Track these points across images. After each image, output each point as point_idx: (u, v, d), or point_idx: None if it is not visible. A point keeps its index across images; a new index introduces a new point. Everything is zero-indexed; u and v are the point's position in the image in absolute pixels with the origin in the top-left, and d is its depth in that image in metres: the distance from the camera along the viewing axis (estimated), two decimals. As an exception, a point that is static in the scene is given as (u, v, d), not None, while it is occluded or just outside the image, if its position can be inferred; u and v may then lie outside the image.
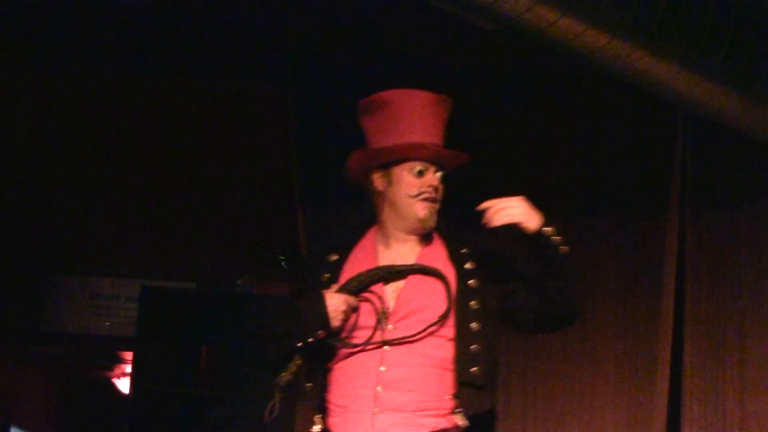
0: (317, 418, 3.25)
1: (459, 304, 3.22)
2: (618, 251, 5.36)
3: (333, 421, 3.24)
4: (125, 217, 6.48)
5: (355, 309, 3.22)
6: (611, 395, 5.29)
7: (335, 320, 3.19)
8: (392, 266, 3.25)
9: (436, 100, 3.34)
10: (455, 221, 3.36)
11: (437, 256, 3.30)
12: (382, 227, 3.33)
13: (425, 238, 3.32)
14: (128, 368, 7.94)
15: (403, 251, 3.31)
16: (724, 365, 5.02)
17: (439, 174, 3.29)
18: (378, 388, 3.17)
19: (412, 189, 3.26)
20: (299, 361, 3.24)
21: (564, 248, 3.19)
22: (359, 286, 3.24)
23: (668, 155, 5.16)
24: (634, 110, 5.19)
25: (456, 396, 3.18)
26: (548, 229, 3.18)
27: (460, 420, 3.17)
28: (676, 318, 5.09)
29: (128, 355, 7.79)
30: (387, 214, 3.31)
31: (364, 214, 3.50)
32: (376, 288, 3.25)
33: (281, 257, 6.09)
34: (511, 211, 3.17)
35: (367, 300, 3.24)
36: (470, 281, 3.24)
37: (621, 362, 5.30)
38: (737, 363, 5.00)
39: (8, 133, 5.95)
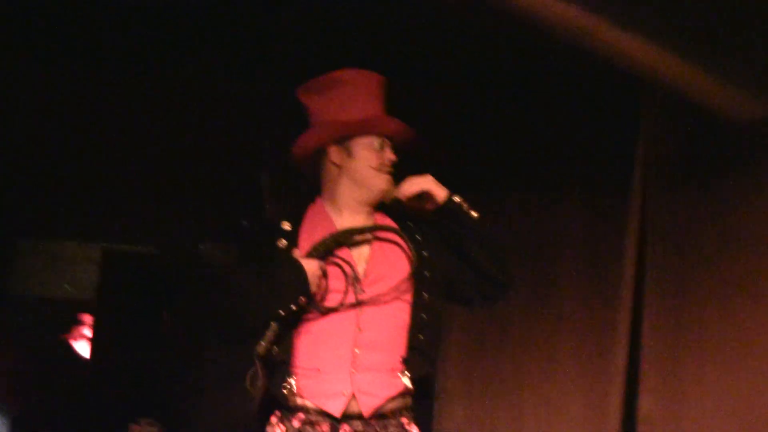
0: (288, 381, 3.29)
1: (415, 273, 3.35)
2: (580, 223, 5.41)
3: (305, 383, 3.29)
4: (88, 180, 6.43)
5: (325, 274, 3.30)
6: (571, 364, 5.35)
7: (314, 286, 3.27)
8: (353, 228, 3.36)
9: (379, 79, 3.47)
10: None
11: (389, 226, 3.43)
12: (333, 199, 3.43)
13: (374, 211, 3.44)
14: (88, 332, 7.91)
15: (358, 221, 3.41)
16: (683, 336, 5.06)
17: (387, 145, 3.42)
18: (355, 349, 3.27)
19: (374, 162, 3.39)
20: (276, 329, 3.27)
21: (474, 213, 3.38)
22: (327, 250, 3.31)
23: (632, 128, 5.19)
24: (598, 87, 5.21)
25: (405, 359, 3.31)
26: (456, 197, 3.39)
27: (407, 382, 3.31)
28: (637, 288, 5.13)
29: (89, 319, 7.76)
30: (345, 186, 3.41)
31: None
32: (343, 253, 3.34)
33: (244, 223, 6.08)
34: (420, 181, 3.38)
35: (335, 265, 3.32)
36: (423, 251, 3.37)
37: (581, 332, 5.36)
38: (696, 336, 5.03)
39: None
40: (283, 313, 3.26)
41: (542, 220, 5.48)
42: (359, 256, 3.37)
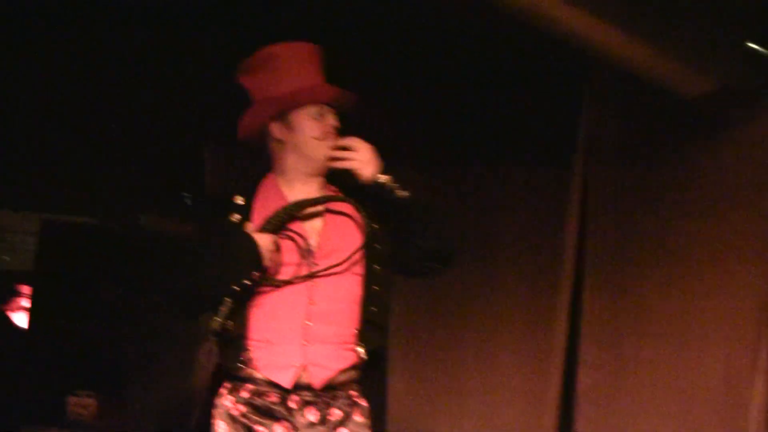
0: (240, 354, 3.29)
1: (366, 245, 3.36)
2: (522, 199, 5.43)
3: (256, 355, 3.30)
4: (27, 148, 6.35)
5: (278, 248, 3.30)
6: (511, 338, 5.38)
7: (267, 260, 3.26)
8: (305, 200, 3.35)
9: (314, 48, 3.45)
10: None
11: (341, 202, 3.42)
12: (283, 173, 3.43)
13: (327, 182, 3.43)
14: (26, 303, 7.83)
15: (309, 193, 3.40)
16: (621, 313, 5.11)
17: (330, 112, 3.40)
18: (307, 321, 3.28)
19: (316, 131, 3.38)
20: (230, 303, 3.26)
21: (402, 192, 3.35)
22: (279, 224, 3.31)
23: (574, 104, 5.20)
24: (543, 64, 5.22)
25: (358, 330, 3.32)
26: (383, 177, 3.35)
27: (362, 353, 3.32)
28: (577, 264, 5.16)
29: (26, 290, 7.68)
30: (291, 160, 3.41)
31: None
32: (296, 226, 3.34)
33: (185, 194, 6.04)
34: (350, 159, 3.35)
35: (288, 238, 3.33)
36: (373, 224, 3.37)
37: (522, 306, 5.39)
38: (634, 311, 5.08)
39: None
40: (237, 288, 3.25)
41: (484, 194, 5.50)
42: (312, 228, 3.36)
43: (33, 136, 6.29)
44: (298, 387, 3.29)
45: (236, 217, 3.35)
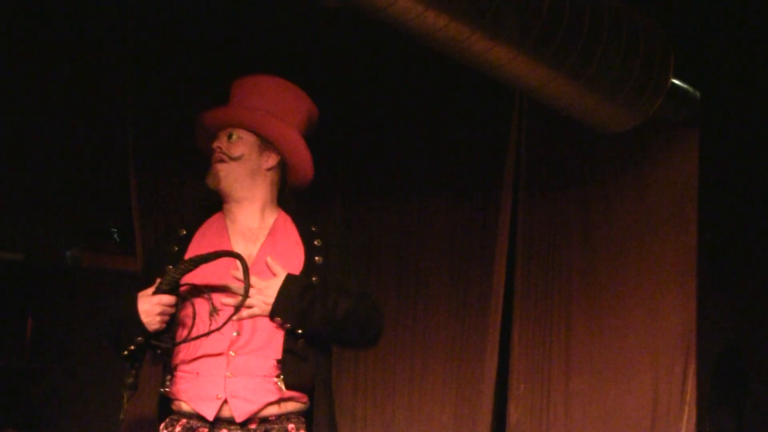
0: (171, 386, 3.31)
1: (306, 279, 3.32)
2: (451, 232, 5.42)
3: (182, 387, 3.30)
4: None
5: (176, 305, 3.27)
6: (441, 374, 5.36)
7: (151, 324, 3.25)
8: (198, 256, 3.28)
9: (259, 79, 3.49)
10: (304, 202, 3.52)
11: (287, 230, 3.41)
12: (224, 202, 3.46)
13: (270, 212, 3.40)
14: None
15: (251, 224, 3.39)
16: (550, 346, 5.13)
17: (230, 133, 3.39)
18: (231, 352, 3.25)
19: (212, 154, 3.42)
20: (136, 364, 3.27)
21: (298, 331, 3.29)
22: (172, 283, 3.26)
23: (503, 139, 5.23)
24: (472, 92, 5.24)
25: (279, 363, 3.27)
26: (277, 319, 3.29)
27: (281, 385, 3.27)
28: (506, 299, 5.17)
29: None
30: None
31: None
32: (205, 278, 3.30)
33: (113, 229, 5.98)
34: (252, 309, 3.29)
35: (198, 294, 3.30)
36: (316, 257, 3.36)
37: (451, 341, 5.37)
38: (563, 344, 5.11)
39: None
40: (126, 354, 3.28)
41: (412, 229, 5.49)
42: (247, 256, 3.32)
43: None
44: (224, 420, 3.26)
45: (175, 248, 3.36)
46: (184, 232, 3.43)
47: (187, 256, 3.33)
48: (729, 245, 5.00)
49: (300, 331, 3.28)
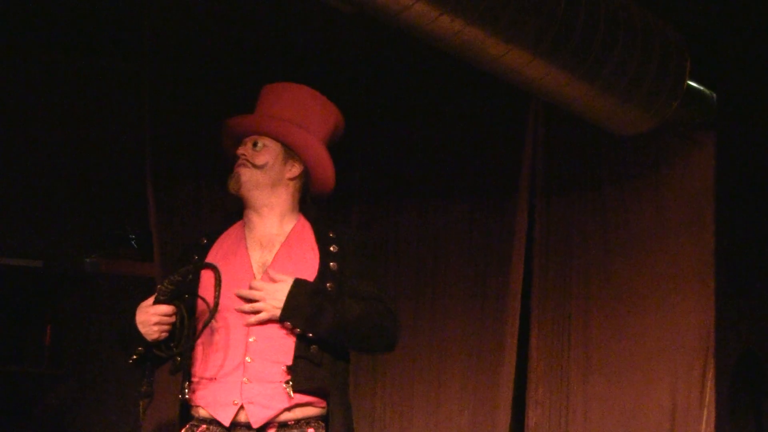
0: (186, 391, 3.32)
1: (319, 284, 3.31)
2: (469, 236, 5.43)
3: (199, 394, 3.31)
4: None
5: (174, 314, 3.28)
6: (459, 377, 5.37)
7: (149, 334, 3.27)
8: (184, 268, 3.30)
9: (287, 87, 3.49)
10: (325, 208, 3.51)
11: (304, 237, 3.40)
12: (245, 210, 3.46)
13: (288, 219, 3.41)
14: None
15: (268, 231, 3.39)
16: (568, 349, 5.13)
17: (255, 140, 3.40)
18: (247, 358, 3.25)
19: (236, 161, 3.42)
20: (147, 372, 3.30)
21: (309, 335, 3.28)
22: (167, 294, 3.28)
23: (519, 141, 5.23)
24: (488, 97, 5.24)
25: (290, 369, 3.26)
26: (287, 323, 3.28)
27: (290, 390, 3.25)
28: (524, 302, 5.17)
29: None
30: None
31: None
32: (204, 284, 3.32)
33: (131, 236, 5.99)
34: (261, 314, 3.28)
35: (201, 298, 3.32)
36: (331, 263, 3.34)
37: (469, 345, 5.37)
38: (582, 346, 5.11)
39: None
40: (131, 362, 3.32)
41: (430, 234, 5.50)
42: (262, 263, 3.34)
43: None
44: (241, 425, 3.26)
45: (195, 257, 3.37)
46: (205, 241, 3.44)
47: (208, 260, 3.35)
48: (747, 248, 4.98)
49: (311, 335, 3.27)
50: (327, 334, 3.28)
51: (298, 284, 3.27)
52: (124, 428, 5.59)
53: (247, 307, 3.29)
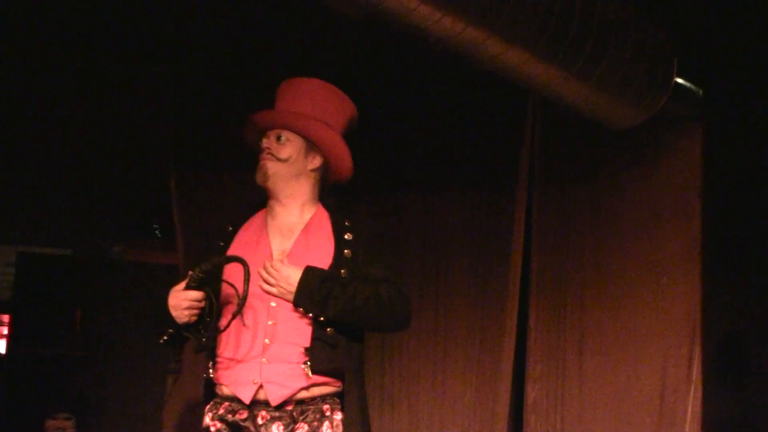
0: (211, 371, 3.37)
1: (332, 270, 3.34)
2: (471, 224, 5.44)
3: (222, 373, 3.34)
4: (4, 185, 6.33)
5: (203, 300, 3.31)
6: (463, 356, 5.38)
7: (180, 318, 3.31)
8: (216, 258, 3.34)
9: (306, 82, 3.50)
10: (343, 198, 3.54)
11: (322, 225, 3.43)
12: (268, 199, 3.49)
13: (308, 209, 3.44)
14: (5, 330, 7.77)
15: (289, 220, 3.42)
16: (564, 330, 5.14)
17: (279, 134, 3.42)
18: (266, 339, 3.29)
19: (260, 153, 3.45)
20: (176, 351, 3.33)
21: (321, 318, 3.30)
22: (197, 281, 3.32)
23: (518, 136, 5.24)
24: (489, 94, 5.26)
25: (307, 351, 3.30)
26: (300, 308, 3.30)
27: (308, 371, 3.29)
28: (522, 287, 5.19)
29: (5, 318, 7.62)
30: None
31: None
32: (231, 272, 3.34)
33: (155, 226, 6.04)
34: (273, 289, 3.32)
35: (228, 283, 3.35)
36: (345, 251, 3.37)
37: (472, 326, 5.39)
38: (577, 328, 5.12)
39: None
40: (162, 342, 3.36)
41: (437, 221, 5.52)
42: (282, 251, 3.37)
43: (10, 174, 6.27)
44: (261, 403, 3.30)
45: (221, 244, 3.42)
46: (230, 228, 3.47)
47: (229, 252, 3.39)
48: (732, 234, 5.00)
49: (322, 319, 3.29)
50: (338, 316, 3.30)
51: (308, 271, 3.30)
52: (148, 404, 5.63)
53: (264, 286, 3.32)
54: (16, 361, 6.25)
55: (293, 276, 3.29)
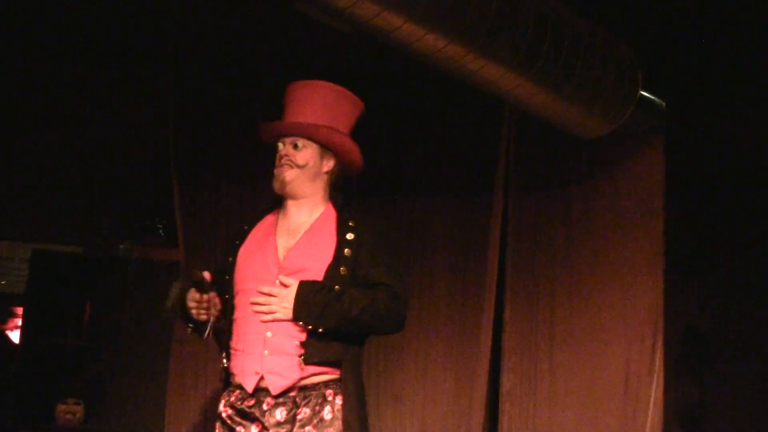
0: (223, 360, 3.39)
1: (331, 268, 3.31)
2: (451, 228, 5.44)
3: (233, 363, 3.37)
4: (21, 185, 6.33)
5: (207, 302, 3.35)
6: (443, 348, 5.38)
7: (192, 314, 3.38)
8: (193, 280, 3.38)
9: (317, 86, 3.48)
10: (351, 198, 3.53)
11: (327, 223, 3.41)
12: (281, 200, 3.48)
13: (317, 208, 3.42)
14: (19, 321, 7.76)
15: (298, 220, 3.41)
16: (537, 323, 5.15)
17: (295, 142, 3.41)
18: (267, 333, 3.29)
19: (276, 162, 3.43)
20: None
21: (320, 330, 3.27)
22: (197, 285, 3.36)
23: (495, 143, 5.26)
24: (467, 106, 5.26)
25: (303, 344, 3.29)
26: (301, 322, 3.28)
27: (302, 364, 3.28)
28: (499, 284, 5.21)
29: (20, 311, 7.62)
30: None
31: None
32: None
33: (159, 225, 6.04)
34: (276, 314, 3.30)
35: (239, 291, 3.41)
36: (346, 250, 3.33)
37: (452, 321, 5.38)
38: (548, 322, 5.13)
39: None
40: (189, 330, 3.44)
41: (419, 223, 5.52)
42: (287, 248, 3.37)
43: (26, 175, 6.27)
44: (263, 392, 3.30)
45: (237, 242, 3.43)
46: (246, 228, 3.47)
47: (240, 250, 3.42)
48: (692, 236, 5.03)
49: (321, 330, 3.27)
50: (336, 326, 3.27)
51: (303, 286, 3.27)
52: (152, 393, 5.64)
53: (264, 308, 3.32)
54: (29, 351, 6.24)
55: (290, 294, 3.28)
